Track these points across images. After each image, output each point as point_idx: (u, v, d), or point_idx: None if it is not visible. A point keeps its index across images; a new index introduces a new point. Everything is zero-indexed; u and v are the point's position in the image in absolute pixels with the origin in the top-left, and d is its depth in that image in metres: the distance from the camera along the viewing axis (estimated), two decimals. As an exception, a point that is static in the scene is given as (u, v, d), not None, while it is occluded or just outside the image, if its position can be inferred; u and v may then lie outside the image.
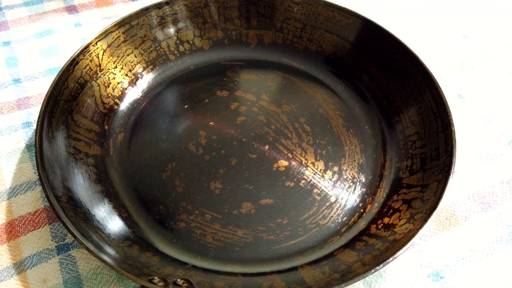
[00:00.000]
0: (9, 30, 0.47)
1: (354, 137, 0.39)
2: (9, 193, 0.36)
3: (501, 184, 0.36)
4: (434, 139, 0.35)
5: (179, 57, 0.44)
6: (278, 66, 0.44)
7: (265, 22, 0.44)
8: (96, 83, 0.39)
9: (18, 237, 0.33)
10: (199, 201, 0.35)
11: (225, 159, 0.37)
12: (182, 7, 0.43)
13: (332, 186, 0.36)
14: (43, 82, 0.43)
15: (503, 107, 0.41)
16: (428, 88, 0.37)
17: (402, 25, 0.49)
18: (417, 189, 0.33)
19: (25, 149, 0.38)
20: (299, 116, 0.40)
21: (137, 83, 0.42)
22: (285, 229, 0.33)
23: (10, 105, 0.41)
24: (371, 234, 0.32)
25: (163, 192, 0.35)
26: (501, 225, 0.34)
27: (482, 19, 0.49)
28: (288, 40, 0.44)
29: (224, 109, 0.40)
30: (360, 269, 0.28)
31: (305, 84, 0.42)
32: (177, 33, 0.44)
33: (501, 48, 0.46)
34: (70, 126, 0.36)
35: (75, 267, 0.32)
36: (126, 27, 0.41)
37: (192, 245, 0.32)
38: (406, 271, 0.32)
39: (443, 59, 0.46)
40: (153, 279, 0.28)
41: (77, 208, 0.31)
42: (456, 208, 0.35)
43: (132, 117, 0.40)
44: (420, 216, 0.30)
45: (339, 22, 0.42)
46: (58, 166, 0.33)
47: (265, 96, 0.41)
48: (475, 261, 0.32)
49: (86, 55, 0.39)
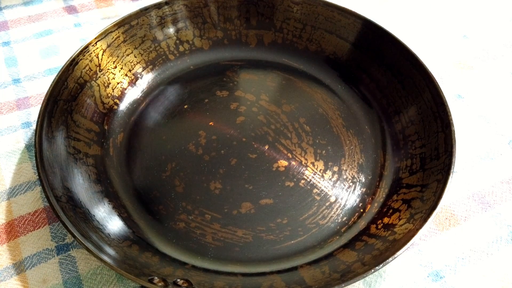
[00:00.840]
0: (8, 30, 0.47)
1: (354, 137, 0.39)
2: (8, 193, 0.36)
3: (500, 184, 0.36)
4: (434, 139, 0.35)
5: (179, 57, 0.44)
6: (278, 66, 0.44)
7: (264, 22, 0.44)
8: (96, 83, 0.39)
9: (17, 237, 0.33)
10: (199, 201, 0.34)
11: (225, 159, 0.37)
12: (181, 7, 0.43)
13: (332, 186, 0.36)
14: (42, 82, 0.43)
15: (503, 107, 0.41)
16: (428, 88, 0.37)
17: (402, 25, 0.49)
18: (417, 189, 0.33)
19: (25, 149, 0.38)
20: (298, 116, 0.40)
21: (136, 83, 0.42)
22: (285, 229, 0.33)
23: (10, 105, 0.41)
24: (371, 234, 0.32)
25: (163, 192, 0.35)
26: (501, 225, 0.34)
27: (481, 19, 0.49)
28: (287, 40, 0.44)
29: (224, 109, 0.40)
30: (360, 269, 0.28)
31: (304, 84, 0.42)
32: (177, 33, 0.44)
33: (501, 48, 0.46)
34: (69, 126, 0.36)
35: (75, 267, 0.32)
36: (125, 27, 0.41)
37: (192, 245, 0.32)
38: (406, 271, 0.32)
39: (442, 59, 0.46)
40: (153, 279, 0.28)
41: (77, 208, 0.31)
42: (456, 208, 0.35)
43: (132, 117, 0.40)
44: (420, 216, 0.30)
45: (338, 22, 0.42)
46: (57, 166, 0.33)
47: (265, 96, 0.41)
48: (475, 261, 0.32)
49: (85, 55, 0.39)
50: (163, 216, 0.34)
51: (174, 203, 0.34)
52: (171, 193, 0.35)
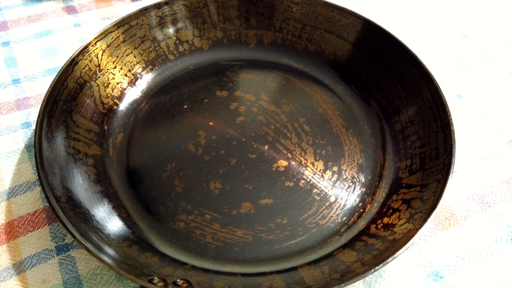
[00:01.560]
0: (8, 30, 0.47)
1: (354, 137, 0.39)
2: (8, 194, 0.36)
3: (500, 184, 0.36)
4: (434, 139, 0.35)
5: (179, 57, 0.44)
6: (278, 66, 0.44)
7: (264, 22, 0.44)
8: (96, 83, 0.39)
9: (17, 237, 0.33)
10: (199, 201, 0.34)
11: (224, 159, 0.37)
12: (181, 7, 0.43)
13: (332, 186, 0.36)
14: (42, 82, 0.43)
15: (503, 107, 0.41)
16: (428, 88, 0.37)
17: (401, 25, 0.49)
18: (417, 189, 0.33)
19: (25, 150, 0.38)
20: (298, 116, 0.40)
21: (136, 83, 0.42)
22: (285, 229, 0.33)
23: (10, 105, 0.41)
24: (371, 234, 0.32)
25: (163, 192, 0.35)
26: (501, 225, 0.34)
27: (481, 19, 0.49)
28: (287, 40, 0.44)
29: (223, 109, 0.40)
30: (359, 269, 0.28)
31: (304, 84, 0.42)
32: (177, 33, 0.44)
33: (501, 48, 0.46)
34: (69, 127, 0.36)
35: (74, 268, 0.32)
36: (125, 27, 0.41)
37: (192, 245, 0.32)
38: (406, 271, 0.32)
39: (442, 59, 0.46)
40: (152, 279, 0.28)
41: (77, 208, 0.31)
42: (456, 208, 0.35)
43: (132, 117, 0.40)
44: (420, 216, 0.30)
45: (338, 22, 0.42)
46: (57, 167, 0.33)
47: (265, 96, 0.41)
48: (475, 261, 0.32)
49: (85, 55, 0.39)
50: (163, 216, 0.34)
51: (174, 203, 0.34)
52: (171, 193, 0.35)
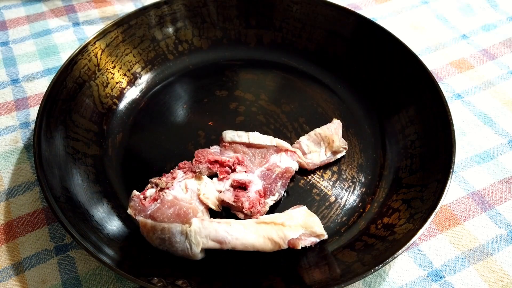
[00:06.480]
0: (7, 30, 0.47)
1: (354, 136, 0.39)
2: (7, 194, 0.35)
3: (500, 184, 0.36)
4: (434, 139, 0.35)
5: (178, 56, 0.44)
6: (277, 66, 0.44)
7: (264, 21, 0.44)
8: (95, 83, 0.39)
9: (16, 238, 0.33)
10: (198, 201, 0.34)
11: (224, 159, 0.37)
12: (180, 7, 0.43)
13: (332, 186, 0.36)
14: (41, 82, 0.43)
15: (502, 107, 0.41)
16: (428, 87, 0.37)
17: (402, 25, 0.49)
18: (417, 188, 0.33)
19: (23, 150, 0.38)
20: (298, 116, 0.40)
21: (135, 83, 0.41)
22: (285, 229, 0.33)
23: (8, 105, 0.41)
24: (371, 234, 0.32)
25: (162, 192, 0.35)
26: (501, 225, 0.34)
27: (481, 19, 0.49)
28: (287, 40, 0.44)
29: (223, 109, 0.40)
30: (359, 269, 0.28)
31: (304, 84, 0.42)
32: (176, 32, 0.43)
33: (501, 48, 0.46)
34: (68, 126, 0.36)
35: (74, 268, 0.32)
36: (124, 26, 0.41)
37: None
38: (406, 271, 0.32)
39: (442, 59, 0.45)
40: (152, 279, 0.27)
41: (76, 208, 0.31)
42: (456, 208, 0.35)
43: (131, 117, 0.40)
44: (420, 216, 0.30)
45: (338, 21, 0.42)
46: (56, 167, 0.33)
47: (264, 96, 0.41)
48: (475, 261, 0.32)
49: (84, 55, 0.38)
50: (162, 216, 0.34)
51: (173, 203, 0.34)
52: (170, 193, 0.35)
